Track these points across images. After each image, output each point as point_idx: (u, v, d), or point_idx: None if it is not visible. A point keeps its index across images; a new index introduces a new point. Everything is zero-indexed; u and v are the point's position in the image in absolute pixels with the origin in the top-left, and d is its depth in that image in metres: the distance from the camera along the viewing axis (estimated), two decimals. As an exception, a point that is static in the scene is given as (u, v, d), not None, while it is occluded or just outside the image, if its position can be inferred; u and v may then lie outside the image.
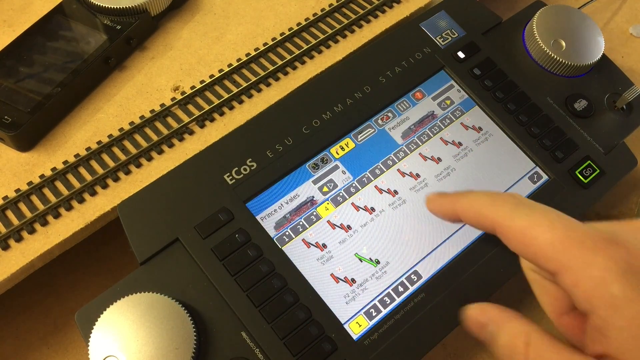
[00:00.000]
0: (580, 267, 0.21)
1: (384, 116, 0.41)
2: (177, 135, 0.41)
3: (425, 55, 0.44)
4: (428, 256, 0.37)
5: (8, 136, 0.39)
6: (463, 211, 0.26)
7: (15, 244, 0.36)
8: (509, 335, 0.23)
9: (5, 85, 0.41)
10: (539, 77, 0.45)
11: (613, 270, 0.21)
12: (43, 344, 0.41)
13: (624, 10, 0.59)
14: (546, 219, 0.23)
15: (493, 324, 0.24)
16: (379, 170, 0.39)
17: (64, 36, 0.44)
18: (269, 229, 0.36)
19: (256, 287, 0.34)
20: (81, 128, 0.41)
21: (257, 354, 0.33)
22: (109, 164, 0.40)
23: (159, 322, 0.32)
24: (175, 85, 0.44)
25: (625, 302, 0.20)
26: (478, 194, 0.26)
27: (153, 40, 0.46)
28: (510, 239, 0.24)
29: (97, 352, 0.31)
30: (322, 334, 0.34)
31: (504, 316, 0.24)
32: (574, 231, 0.22)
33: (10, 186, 0.38)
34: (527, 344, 0.23)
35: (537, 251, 0.22)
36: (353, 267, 0.36)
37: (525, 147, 0.41)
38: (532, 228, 0.23)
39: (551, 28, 0.45)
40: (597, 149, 0.42)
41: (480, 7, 0.47)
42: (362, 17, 0.48)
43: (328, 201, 0.38)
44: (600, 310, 0.21)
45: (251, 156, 0.38)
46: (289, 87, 0.44)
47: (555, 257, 0.22)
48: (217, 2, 0.49)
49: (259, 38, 0.47)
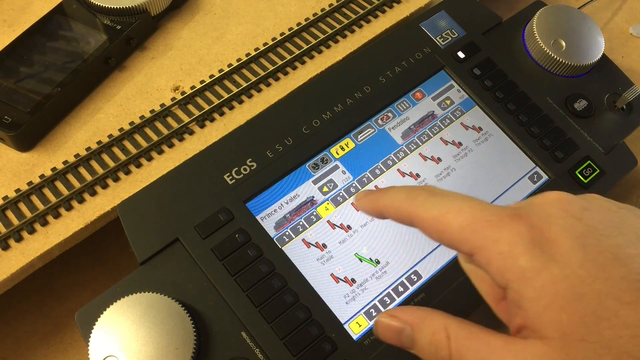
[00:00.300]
0: (489, 244, 0.22)
1: (384, 116, 0.41)
2: (177, 135, 0.41)
3: (425, 55, 0.44)
4: (428, 256, 0.37)
5: (8, 136, 0.39)
6: (385, 208, 0.27)
7: (15, 244, 0.36)
8: (428, 334, 0.24)
9: (5, 85, 0.41)
10: (539, 77, 0.45)
11: (519, 244, 0.21)
12: (43, 344, 0.41)
13: (624, 10, 0.59)
14: (454, 205, 0.23)
15: (408, 327, 0.24)
16: (379, 170, 0.39)
17: (64, 36, 0.44)
18: (269, 229, 0.36)
19: (256, 287, 0.34)
20: (81, 128, 0.41)
21: (257, 354, 0.33)
22: (109, 164, 0.40)
23: (159, 322, 0.32)
24: (175, 85, 0.44)
25: (533, 273, 0.21)
26: (396, 189, 0.26)
27: (153, 40, 0.46)
28: (427, 229, 0.24)
29: (97, 352, 0.31)
30: (322, 334, 0.34)
31: (417, 316, 0.24)
32: (481, 212, 0.23)
33: (10, 186, 0.38)
34: (448, 338, 0.23)
35: (451, 237, 0.23)
36: (353, 267, 0.36)
37: (525, 147, 0.41)
38: (442, 216, 0.23)
39: (551, 28, 0.45)
40: (597, 149, 0.42)
41: (480, 7, 0.47)
42: (362, 17, 0.48)
43: (328, 201, 0.38)
44: (513, 284, 0.21)
45: (251, 156, 0.38)
46: (289, 87, 0.44)
47: (467, 239, 0.23)
48: (217, 2, 0.49)
49: (259, 38, 0.47)
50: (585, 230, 0.21)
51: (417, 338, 0.24)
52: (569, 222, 0.22)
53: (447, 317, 0.24)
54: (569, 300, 0.20)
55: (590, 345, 0.20)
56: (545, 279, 0.21)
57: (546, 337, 0.20)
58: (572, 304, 0.20)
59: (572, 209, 0.22)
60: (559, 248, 0.21)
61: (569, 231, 0.21)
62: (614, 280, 0.20)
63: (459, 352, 0.22)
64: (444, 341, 0.23)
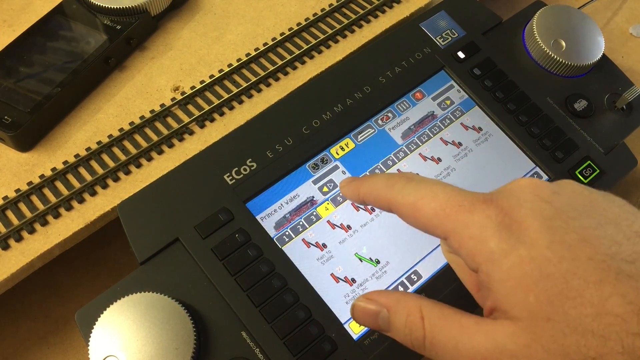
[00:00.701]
0: (460, 229, 0.22)
1: (384, 116, 0.41)
2: (177, 135, 0.41)
3: (425, 55, 0.44)
4: (428, 256, 0.37)
5: (8, 136, 0.39)
6: (365, 195, 0.28)
7: (15, 244, 0.36)
8: (403, 315, 0.24)
9: (5, 85, 0.41)
10: (539, 77, 0.45)
11: (488, 227, 0.22)
12: (43, 344, 0.41)
13: (624, 10, 0.59)
14: (430, 191, 0.24)
15: (384, 310, 0.25)
16: (379, 171, 0.39)
17: (64, 36, 0.44)
18: (269, 229, 0.36)
19: (256, 287, 0.34)
20: (81, 128, 0.41)
21: (257, 353, 0.33)
22: (109, 164, 0.40)
23: (159, 322, 0.32)
24: (175, 86, 0.44)
25: (501, 255, 0.21)
26: (376, 177, 0.27)
27: (153, 40, 0.46)
28: (404, 214, 0.25)
29: (97, 352, 0.31)
30: (322, 334, 0.34)
31: (392, 298, 0.25)
32: (454, 197, 0.23)
33: (10, 186, 0.38)
34: (422, 318, 0.23)
35: (425, 222, 0.24)
36: (353, 267, 0.36)
37: (525, 147, 0.41)
38: (418, 201, 0.24)
39: (551, 28, 0.45)
40: (597, 149, 0.42)
41: (480, 7, 0.47)
42: (362, 17, 0.48)
43: (328, 201, 0.38)
44: (483, 266, 0.22)
45: (251, 156, 0.38)
46: (289, 87, 0.44)
47: (441, 223, 0.23)
48: (217, 2, 0.49)
49: (259, 38, 0.47)
50: (554, 213, 0.22)
51: (392, 320, 0.25)
52: (537, 205, 0.22)
53: (421, 299, 0.24)
54: (536, 280, 0.20)
55: (556, 324, 0.20)
56: (513, 260, 0.21)
57: (514, 317, 0.21)
58: (538, 284, 0.20)
59: (541, 193, 0.23)
60: (527, 230, 0.21)
61: (537, 214, 0.22)
62: (580, 260, 0.20)
63: (432, 333, 0.23)
64: (418, 322, 0.23)
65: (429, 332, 0.23)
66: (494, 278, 0.21)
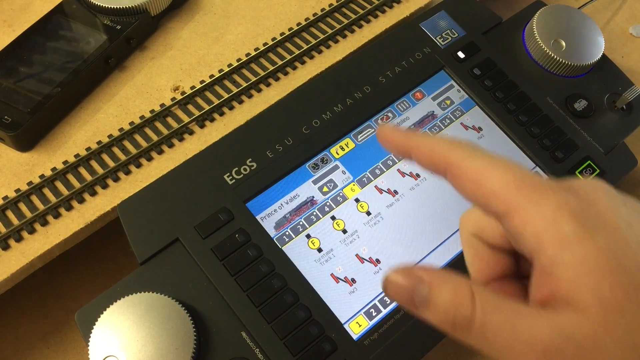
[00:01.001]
0: (531, 206, 0.21)
1: (384, 116, 0.41)
2: (177, 135, 0.41)
3: (425, 55, 0.44)
4: (428, 256, 0.37)
5: (8, 136, 0.39)
6: (417, 147, 0.24)
7: (15, 244, 0.36)
8: (449, 292, 0.22)
9: (5, 85, 0.41)
10: (539, 77, 0.45)
11: (565, 210, 0.21)
12: (43, 344, 0.41)
13: (624, 10, 0.59)
14: (503, 163, 0.22)
15: (424, 286, 0.22)
16: (379, 170, 0.39)
17: (64, 36, 0.44)
18: (269, 229, 0.36)
19: (256, 287, 0.34)
20: (81, 128, 0.41)
21: (257, 354, 0.33)
22: (109, 164, 0.40)
23: (159, 322, 0.32)
24: (175, 85, 0.44)
25: (576, 240, 0.20)
26: (435, 137, 0.25)
27: (153, 40, 0.46)
28: (463, 179, 0.23)
29: (97, 352, 0.31)
30: (322, 334, 0.34)
31: (437, 275, 0.22)
32: (530, 175, 0.22)
33: (10, 186, 0.38)
34: (472, 296, 0.21)
35: (488, 192, 0.22)
36: (353, 267, 0.36)
37: (525, 147, 0.41)
38: (487, 169, 0.22)
39: (551, 28, 0.45)
40: (597, 149, 0.42)
41: (480, 7, 0.47)
42: (362, 17, 0.48)
43: (328, 201, 0.38)
44: (549, 249, 0.20)
45: (251, 156, 0.38)
46: (289, 87, 0.44)
47: (507, 197, 0.21)
48: (217, 2, 0.49)
49: (259, 38, 0.47)
50: (631, 213, 0.21)
51: (434, 296, 0.22)
52: (615, 201, 0.22)
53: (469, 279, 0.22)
54: (612, 269, 0.19)
55: (630, 317, 0.19)
56: (588, 247, 0.20)
57: (582, 306, 0.20)
58: (615, 274, 0.19)
59: (615, 194, 0.22)
60: (607, 221, 0.21)
61: (617, 209, 0.21)
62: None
63: (484, 313, 0.21)
64: (467, 300, 0.21)
65: (480, 313, 0.21)
66: (561, 261, 0.20)
